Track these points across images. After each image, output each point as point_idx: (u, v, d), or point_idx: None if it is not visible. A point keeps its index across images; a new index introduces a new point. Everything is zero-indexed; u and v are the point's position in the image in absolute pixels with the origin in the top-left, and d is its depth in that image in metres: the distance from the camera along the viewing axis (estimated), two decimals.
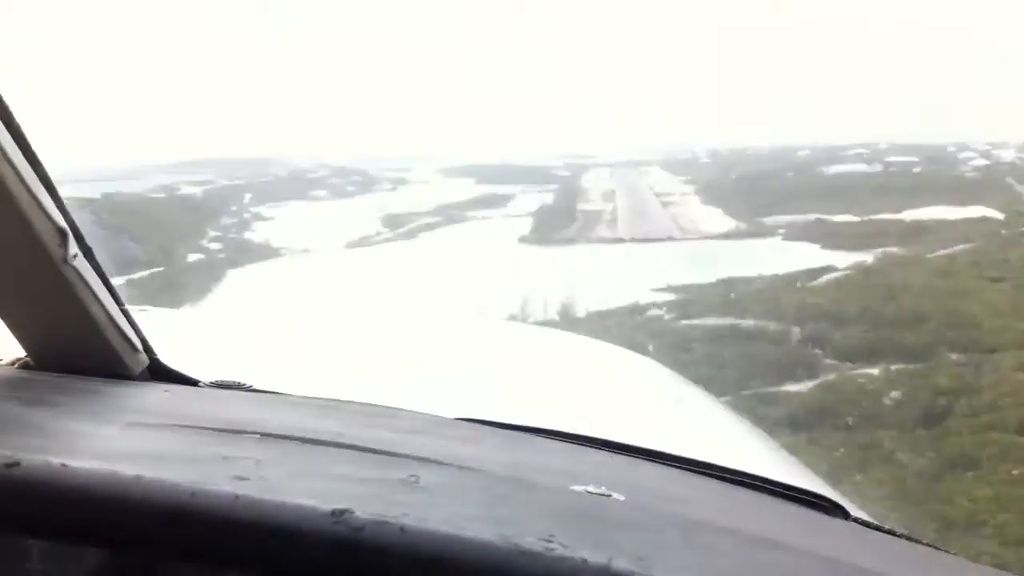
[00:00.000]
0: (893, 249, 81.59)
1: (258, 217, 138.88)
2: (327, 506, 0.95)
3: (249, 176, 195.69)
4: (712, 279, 72.13)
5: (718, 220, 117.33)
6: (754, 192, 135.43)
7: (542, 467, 1.25)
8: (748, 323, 44.11)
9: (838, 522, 1.41)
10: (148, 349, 1.59)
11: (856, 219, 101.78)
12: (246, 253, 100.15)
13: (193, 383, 1.57)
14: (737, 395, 19.26)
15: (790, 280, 63.70)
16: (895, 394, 19.76)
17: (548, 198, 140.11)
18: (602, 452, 1.43)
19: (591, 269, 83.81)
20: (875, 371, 22.56)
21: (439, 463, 1.18)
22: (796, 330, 40.75)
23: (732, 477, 1.43)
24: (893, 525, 1.46)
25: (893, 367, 23.32)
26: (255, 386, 1.57)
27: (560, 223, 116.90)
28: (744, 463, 1.48)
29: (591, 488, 1.13)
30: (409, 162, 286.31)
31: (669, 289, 67.54)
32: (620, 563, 0.90)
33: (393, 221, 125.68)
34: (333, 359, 2.26)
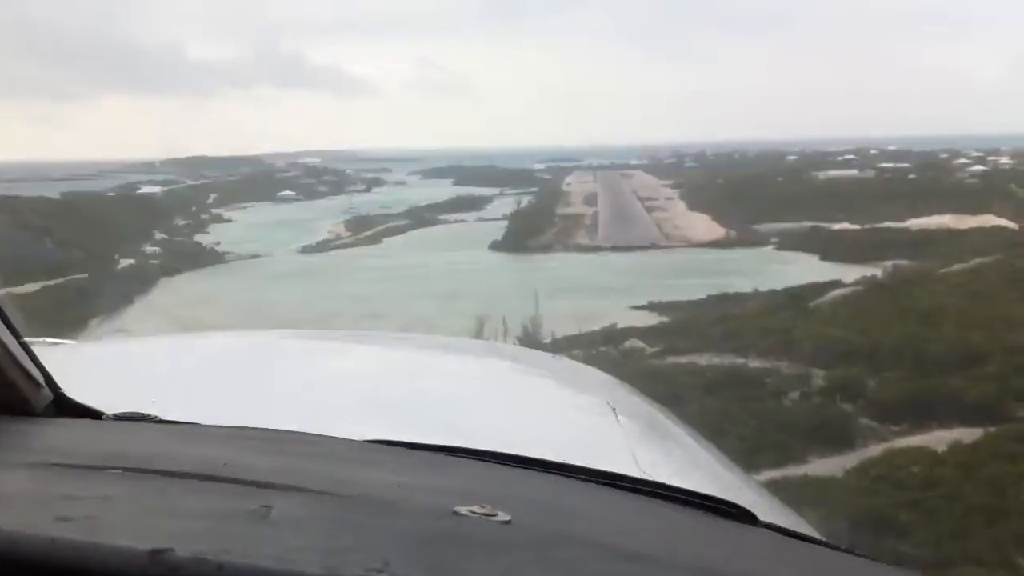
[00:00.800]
0: (902, 262, 71.57)
1: (217, 219, 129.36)
2: (146, 546, 0.90)
3: (218, 176, 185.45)
4: (702, 294, 61.91)
5: (706, 227, 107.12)
6: (743, 197, 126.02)
7: (435, 488, 1.24)
8: (754, 364, 34.32)
9: (745, 528, 1.38)
10: (51, 383, 1.51)
11: (856, 227, 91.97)
12: (187, 259, 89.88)
13: (97, 416, 1.51)
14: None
15: (794, 297, 54.08)
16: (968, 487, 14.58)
17: (527, 201, 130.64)
18: (510, 469, 1.41)
19: (565, 281, 73.34)
20: (931, 442, 17.96)
21: (300, 490, 1.15)
22: (818, 373, 31.50)
23: (641, 488, 1.42)
24: (808, 530, 1.57)
25: (953, 434, 18.34)
26: (160, 417, 1.51)
27: (536, 228, 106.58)
28: (673, 475, 1.55)
29: (476, 508, 1.10)
30: (388, 163, 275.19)
31: (652, 308, 56.85)
32: None
33: (359, 224, 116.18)
34: (256, 382, 2.10)
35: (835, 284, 66.57)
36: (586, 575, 1.01)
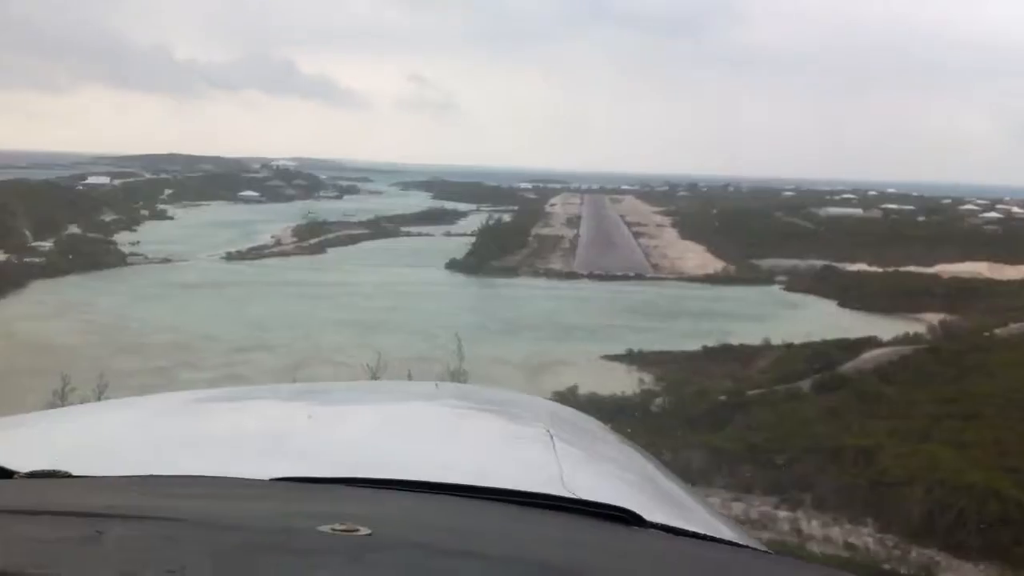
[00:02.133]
0: (944, 316, 55.86)
1: (160, 215, 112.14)
2: None
3: (182, 172, 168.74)
4: (697, 343, 45.66)
5: (699, 258, 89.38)
6: (740, 229, 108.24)
7: (313, 513, 1.24)
8: (810, 530, 16.12)
9: (632, 530, 1.41)
10: None
11: (876, 270, 74.52)
12: (84, 259, 70.79)
13: (9, 475, 1.51)
14: None
15: (821, 358, 38.96)
16: None
17: (504, 218, 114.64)
18: (399, 493, 1.45)
19: (526, 315, 54.48)
20: None
21: (141, 519, 1.17)
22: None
23: (530, 501, 1.45)
24: (712, 529, 1.60)
25: None
26: (72, 472, 1.53)
27: (505, 248, 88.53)
28: (598, 491, 1.53)
29: (337, 526, 1.12)
30: (372, 174, 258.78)
31: (632, 360, 40.43)
32: None
33: (309, 231, 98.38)
34: (168, 438, 2.10)
35: (870, 342, 50.56)
36: (406, 570, 1.04)
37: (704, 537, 1.53)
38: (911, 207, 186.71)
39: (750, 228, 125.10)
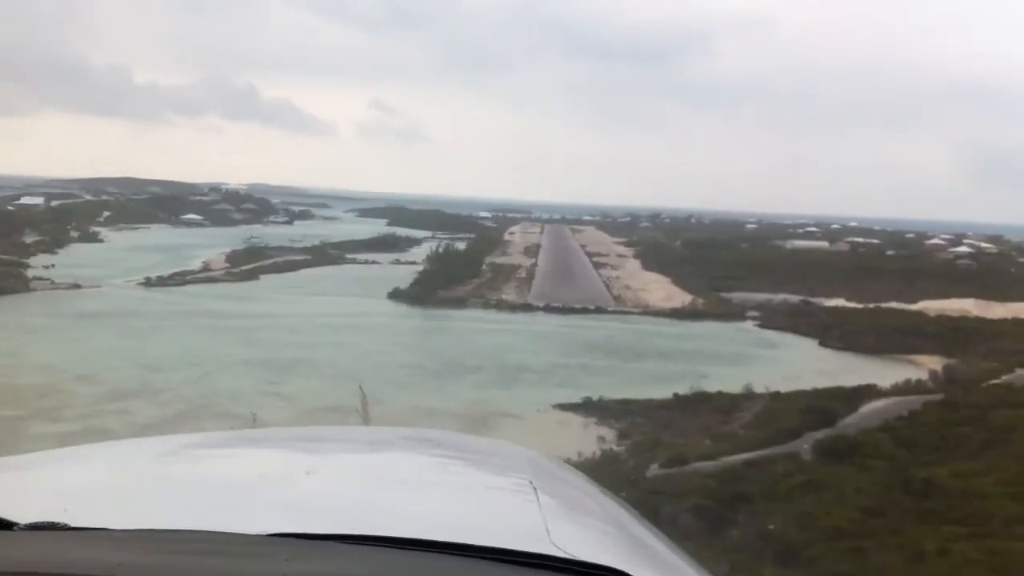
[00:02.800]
0: (943, 359, 48.93)
1: (90, 238, 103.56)
2: None
3: (124, 194, 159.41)
4: (666, 390, 37.89)
5: (664, 290, 79.86)
6: (706, 261, 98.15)
7: (307, 572, 1.34)
8: None
9: None
10: None
11: (855, 306, 64.51)
12: None
13: (9, 527, 1.54)
14: None
15: (813, 407, 31.19)
16: None
17: (457, 246, 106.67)
18: (398, 553, 1.48)
19: (470, 352, 48.34)
20: None
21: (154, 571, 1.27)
22: None
23: (520, 560, 1.47)
24: None
25: None
26: (70, 524, 1.56)
27: (456, 277, 78.83)
28: (585, 547, 1.55)
29: None
30: (331, 200, 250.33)
31: (589, 411, 31.65)
32: None
33: (245, 256, 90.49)
34: (165, 486, 2.14)
35: (868, 391, 42.96)
36: None
37: None
38: (876, 241, 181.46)
39: (716, 260, 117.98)
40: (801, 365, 52.51)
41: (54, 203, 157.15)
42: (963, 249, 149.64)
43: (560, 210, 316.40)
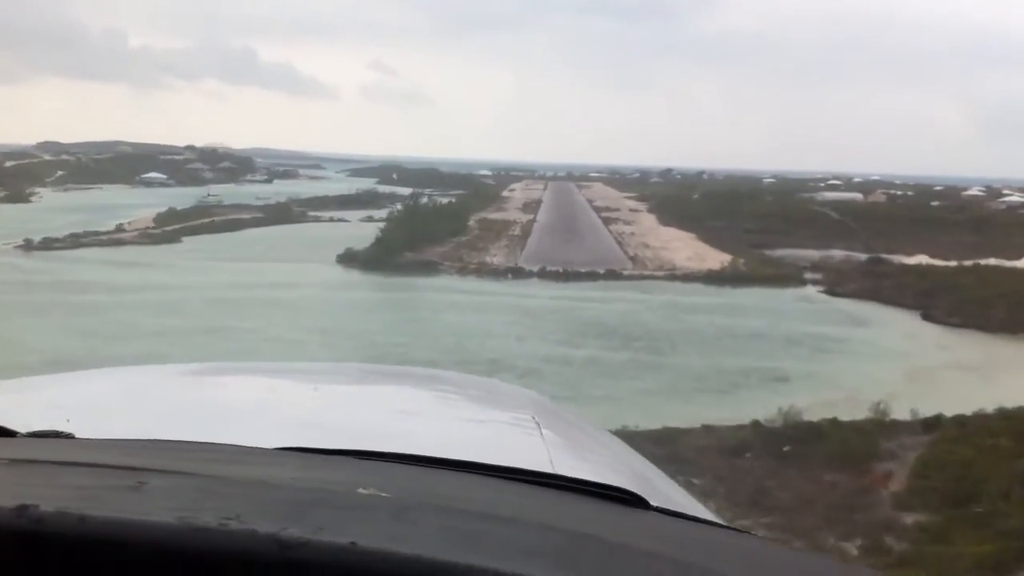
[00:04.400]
0: None
1: (21, 198, 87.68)
2: (12, 503, 0.93)
3: (88, 154, 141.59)
4: (734, 409, 12.91)
5: (691, 248, 59.13)
6: (733, 215, 77.78)
7: (328, 479, 1.27)
8: None
9: (637, 512, 1.41)
10: None
11: (945, 264, 49.14)
12: None
13: (11, 435, 1.50)
14: None
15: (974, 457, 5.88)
16: None
17: (439, 201, 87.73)
18: (412, 467, 1.45)
19: (418, 341, 31.18)
20: None
21: (177, 473, 1.17)
22: None
23: (535, 480, 1.45)
24: (699, 514, 1.55)
25: None
26: (75, 435, 1.52)
27: (431, 235, 61.11)
28: (586, 474, 1.56)
29: (361, 490, 1.13)
30: (328, 162, 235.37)
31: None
32: (292, 531, 0.92)
33: (178, 216, 70.62)
34: (172, 405, 2.11)
35: None
36: (435, 529, 1.04)
37: (705, 521, 1.53)
38: (908, 192, 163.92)
39: (743, 213, 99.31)
40: (921, 355, 34.17)
41: (8, 164, 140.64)
42: (1016, 199, 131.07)
43: (567, 169, 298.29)
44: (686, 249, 68.80)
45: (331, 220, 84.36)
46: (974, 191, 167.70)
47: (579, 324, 38.75)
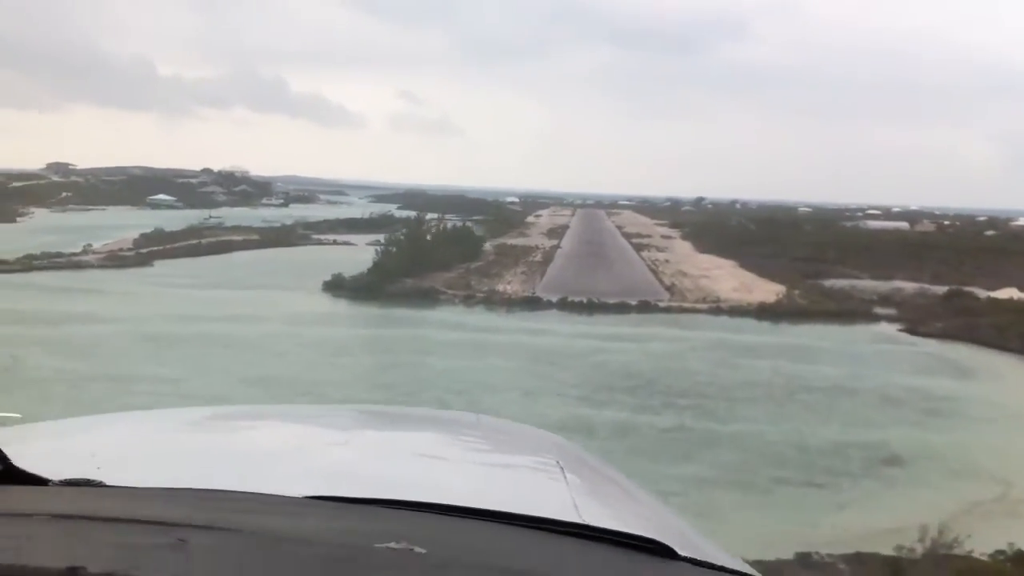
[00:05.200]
0: None
1: (7, 216, 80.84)
2: (63, 565, 0.93)
3: (98, 176, 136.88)
4: (808, 525, 3.33)
5: (736, 278, 52.04)
6: (776, 243, 72.76)
7: (361, 531, 1.26)
8: None
9: (664, 562, 1.39)
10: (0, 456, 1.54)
11: None
12: None
13: (44, 483, 1.49)
14: None
15: None
16: None
17: (454, 224, 79.56)
18: (439, 517, 1.43)
19: (394, 395, 21.17)
20: None
21: (222, 529, 1.17)
22: None
23: (563, 530, 1.43)
24: (728, 563, 1.50)
25: None
26: (105, 482, 1.52)
27: (438, 260, 54.09)
28: (611, 522, 1.53)
29: (393, 544, 1.12)
30: (354, 189, 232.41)
31: None
32: None
33: (162, 238, 65.59)
34: (201, 451, 2.03)
35: None
36: None
37: (732, 571, 1.50)
38: (955, 223, 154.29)
39: (786, 241, 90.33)
40: None
41: (15, 184, 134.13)
42: None
43: (596, 198, 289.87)
44: (729, 278, 59.67)
45: (335, 243, 75.91)
46: (1022, 221, 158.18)
47: (605, 372, 29.67)
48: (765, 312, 45.41)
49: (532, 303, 46.09)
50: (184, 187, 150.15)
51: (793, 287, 53.74)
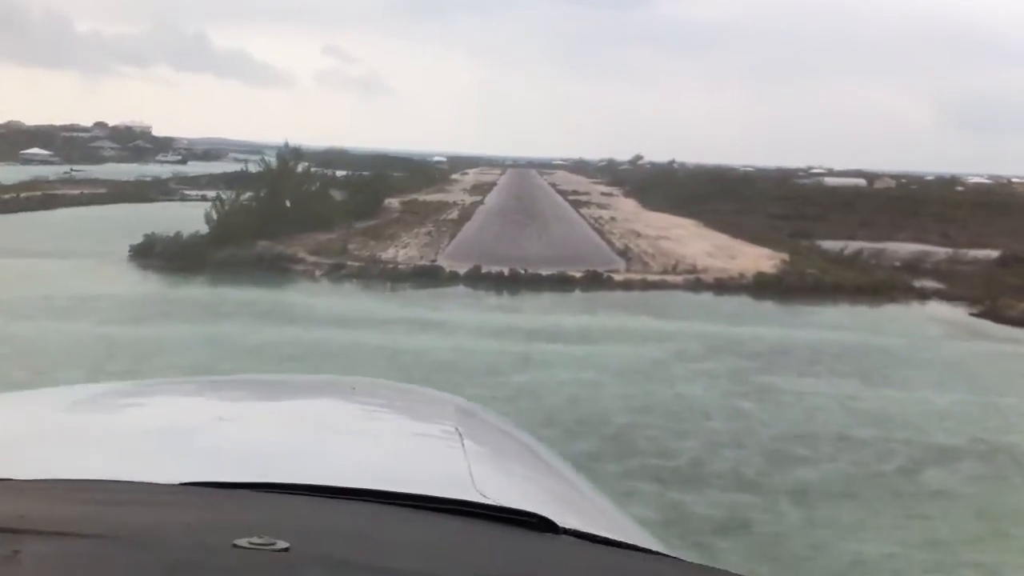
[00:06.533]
0: None
1: None
2: None
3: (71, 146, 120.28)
4: None
5: (704, 239, 41.08)
6: (738, 199, 62.42)
7: (223, 523, 1.20)
8: None
9: (545, 537, 1.36)
10: None
11: None
12: None
13: None
14: None
15: None
16: None
17: (344, 176, 65.27)
18: (309, 500, 1.39)
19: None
20: None
21: (62, 535, 1.11)
22: None
23: (443, 507, 1.40)
24: (623, 536, 1.46)
25: None
26: None
27: (313, 217, 41.01)
28: (509, 495, 1.51)
29: (255, 539, 1.07)
30: (272, 150, 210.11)
31: None
32: None
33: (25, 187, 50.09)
34: (70, 434, 1.91)
35: None
36: None
37: (619, 544, 1.45)
38: (905, 181, 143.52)
39: (750, 196, 76.83)
40: None
41: None
42: None
43: (529, 161, 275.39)
44: (697, 240, 45.65)
45: (203, 199, 60.75)
46: (982, 180, 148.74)
47: (534, 422, 15.67)
48: (766, 287, 31.26)
49: (430, 275, 31.41)
50: (71, 141, 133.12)
51: (786, 251, 39.92)
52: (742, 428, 14.72)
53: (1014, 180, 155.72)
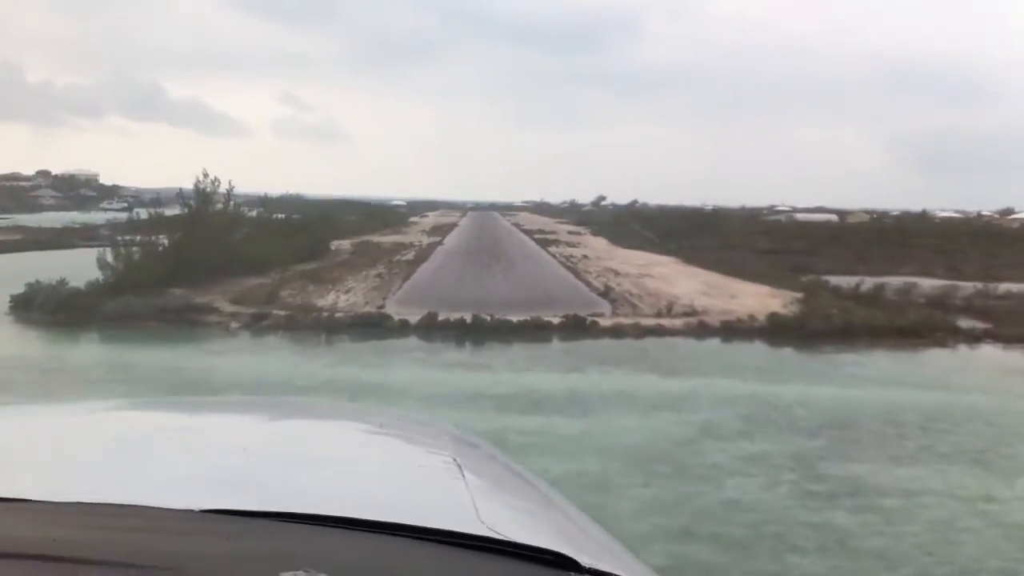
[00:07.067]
0: None
1: None
2: None
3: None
4: None
5: (690, 276, 35.93)
6: (709, 235, 57.37)
7: (259, 554, 1.20)
8: None
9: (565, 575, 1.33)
10: None
11: None
12: None
13: None
14: None
15: None
16: None
17: (290, 217, 59.88)
18: (338, 532, 1.37)
19: None
20: None
21: (110, 564, 1.09)
22: None
23: (466, 543, 1.37)
24: (637, 573, 1.43)
25: None
26: None
27: (255, 262, 35.51)
28: (514, 528, 1.44)
29: (300, 573, 1.08)
30: (238, 198, 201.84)
31: None
32: None
33: None
34: (88, 456, 1.81)
35: None
36: None
37: None
38: (866, 217, 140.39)
39: (728, 232, 71.86)
40: None
41: None
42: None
43: (490, 205, 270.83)
44: (685, 277, 40.24)
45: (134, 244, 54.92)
46: (951, 214, 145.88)
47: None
48: (783, 331, 25.87)
49: (376, 325, 25.67)
50: (11, 191, 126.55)
51: (791, 287, 34.58)
52: (858, 570, 9.08)
53: (984, 214, 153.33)
